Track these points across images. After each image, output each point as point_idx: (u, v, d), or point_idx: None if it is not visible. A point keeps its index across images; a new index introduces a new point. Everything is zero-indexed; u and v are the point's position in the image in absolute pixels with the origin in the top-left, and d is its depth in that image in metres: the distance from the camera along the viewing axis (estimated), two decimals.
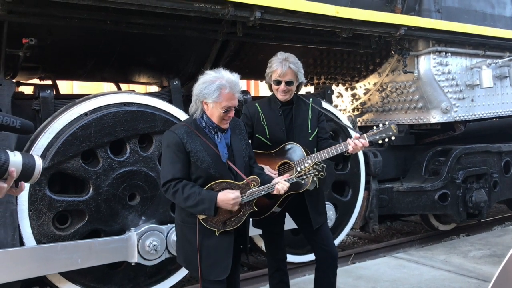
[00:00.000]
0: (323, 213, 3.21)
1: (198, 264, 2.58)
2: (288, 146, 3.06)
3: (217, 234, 2.58)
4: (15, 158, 1.52)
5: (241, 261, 5.48)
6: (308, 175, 2.68)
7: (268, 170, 2.96)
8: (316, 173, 2.69)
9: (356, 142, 2.92)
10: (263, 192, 2.59)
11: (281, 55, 3.11)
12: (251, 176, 2.64)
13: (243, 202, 2.58)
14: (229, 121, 2.69)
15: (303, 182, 2.80)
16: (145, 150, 3.98)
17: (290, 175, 2.73)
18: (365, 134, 2.98)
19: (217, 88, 2.56)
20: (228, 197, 2.50)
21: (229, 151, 2.69)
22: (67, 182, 3.84)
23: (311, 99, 3.24)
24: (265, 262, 5.14)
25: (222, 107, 2.58)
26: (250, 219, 3.28)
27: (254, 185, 2.60)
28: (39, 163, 1.58)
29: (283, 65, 3.04)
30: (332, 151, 2.96)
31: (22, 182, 1.58)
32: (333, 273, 3.16)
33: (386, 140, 2.97)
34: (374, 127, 3.01)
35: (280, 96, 3.11)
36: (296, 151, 3.03)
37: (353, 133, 5.17)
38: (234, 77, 2.64)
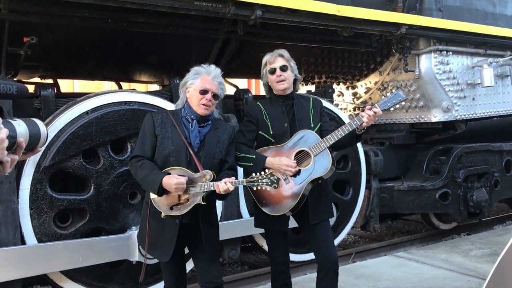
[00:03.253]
0: (324, 210, 3.13)
1: (146, 241, 2.76)
2: (299, 134, 3.01)
3: (162, 217, 2.71)
4: (21, 128, 1.46)
5: (241, 260, 5.54)
6: (260, 183, 2.64)
7: (285, 160, 2.93)
8: (270, 183, 2.63)
9: (368, 113, 2.83)
10: (212, 188, 2.62)
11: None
12: (206, 170, 2.68)
13: (192, 192, 2.65)
14: (208, 109, 2.76)
15: (254, 188, 2.77)
16: None
17: (261, 176, 2.66)
18: (376, 104, 2.90)
19: (193, 73, 2.85)
20: (171, 181, 2.60)
21: (199, 146, 2.77)
22: (68, 181, 3.84)
23: (311, 97, 3.25)
24: (266, 260, 5.15)
25: (198, 88, 2.76)
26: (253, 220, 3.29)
27: (206, 179, 2.65)
28: (43, 129, 1.53)
29: (273, 53, 3.12)
30: (346, 128, 2.88)
31: (39, 148, 1.55)
32: (333, 278, 3.08)
33: (397, 106, 2.91)
34: (383, 96, 2.95)
35: (279, 86, 3.06)
36: (309, 137, 2.99)
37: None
38: (213, 67, 2.86)
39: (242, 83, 8.54)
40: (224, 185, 2.59)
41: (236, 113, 4.68)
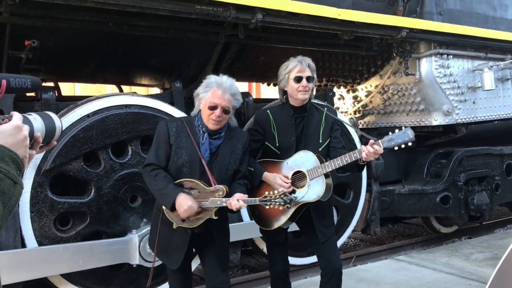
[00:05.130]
0: (330, 225, 3.13)
1: (155, 246, 2.81)
2: (301, 154, 2.96)
3: (174, 228, 2.72)
4: (37, 122, 1.43)
5: (242, 263, 5.53)
6: (273, 203, 2.62)
7: (281, 178, 2.92)
8: (282, 203, 2.61)
9: (369, 149, 2.76)
10: (224, 204, 2.60)
11: (295, 57, 3.06)
12: (220, 185, 2.66)
13: (204, 206, 2.64)
14: (218, 124, 2.71)
15: (267, 207, 2.77)
16: (146, 152, 3.97)
17: (270, 195, 2.66)
18: (379, 140, 2.82)
19: (204, 85, 2.77)
20: (183, 203, 2.58)
21: (213, 157, 2.73)
22: (68, 184, 3.84)
23: (325, 108, 3.15)
24: (266, 264, 5.14)
25: (208, 103, 2.69)
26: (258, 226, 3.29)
27: (218, 194, 2.63)
28: (58, 124, 1.51)
29: (302, 62, 3.01)
30: (346, 159, 2.83)
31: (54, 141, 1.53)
32: (337, 285, 3.08)
33: (403, 146, 2.79)
34: (390, 133, 2.85)
35: (301, 96, 2.98)
36: (309, 159, 2.93)
37: (355, 136, 5.22)
38: (225, 78, 2.77)
39: (243, 86, 8.56)
40: (236, 203, 2.57)
41: (237, 116, 4.67)
